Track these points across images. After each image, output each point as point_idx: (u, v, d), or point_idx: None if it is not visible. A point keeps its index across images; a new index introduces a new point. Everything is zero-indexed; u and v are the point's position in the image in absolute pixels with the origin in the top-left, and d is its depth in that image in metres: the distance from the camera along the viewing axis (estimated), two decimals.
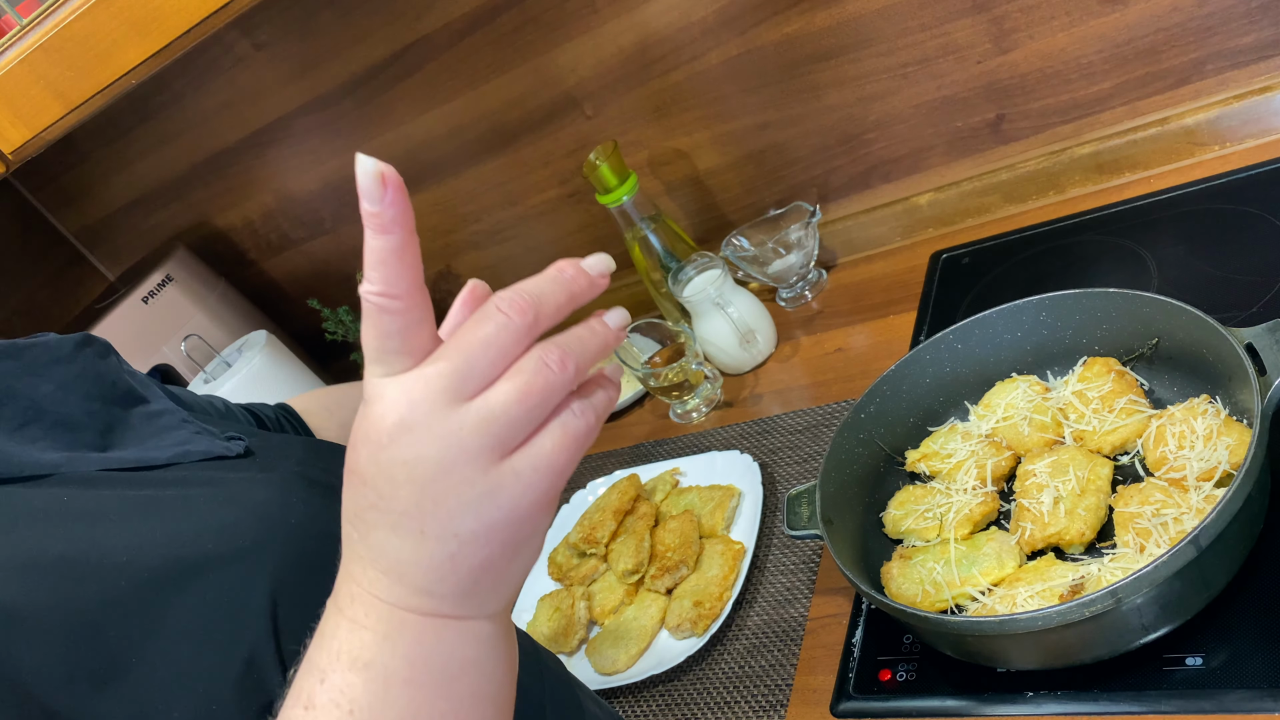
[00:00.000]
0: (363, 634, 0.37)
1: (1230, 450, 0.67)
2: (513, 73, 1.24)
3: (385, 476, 0.36)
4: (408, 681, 0.37)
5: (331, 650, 0.38)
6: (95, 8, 0.91)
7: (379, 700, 0.36)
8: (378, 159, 0.34)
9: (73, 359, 0.55)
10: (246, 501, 0.52)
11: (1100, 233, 1.02)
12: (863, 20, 1.06)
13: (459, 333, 0.37)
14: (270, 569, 0.49)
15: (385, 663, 0.37)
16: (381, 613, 0.37)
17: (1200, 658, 0.64)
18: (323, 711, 0.36)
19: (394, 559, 0.37)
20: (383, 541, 0.37)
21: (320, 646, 0.38)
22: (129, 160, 1.57)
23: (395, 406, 0.36)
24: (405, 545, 0.36)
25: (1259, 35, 0.95)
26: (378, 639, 0.37)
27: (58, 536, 0.46)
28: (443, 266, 1.52)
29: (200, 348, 1.39)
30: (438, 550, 0.36)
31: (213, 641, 0.46)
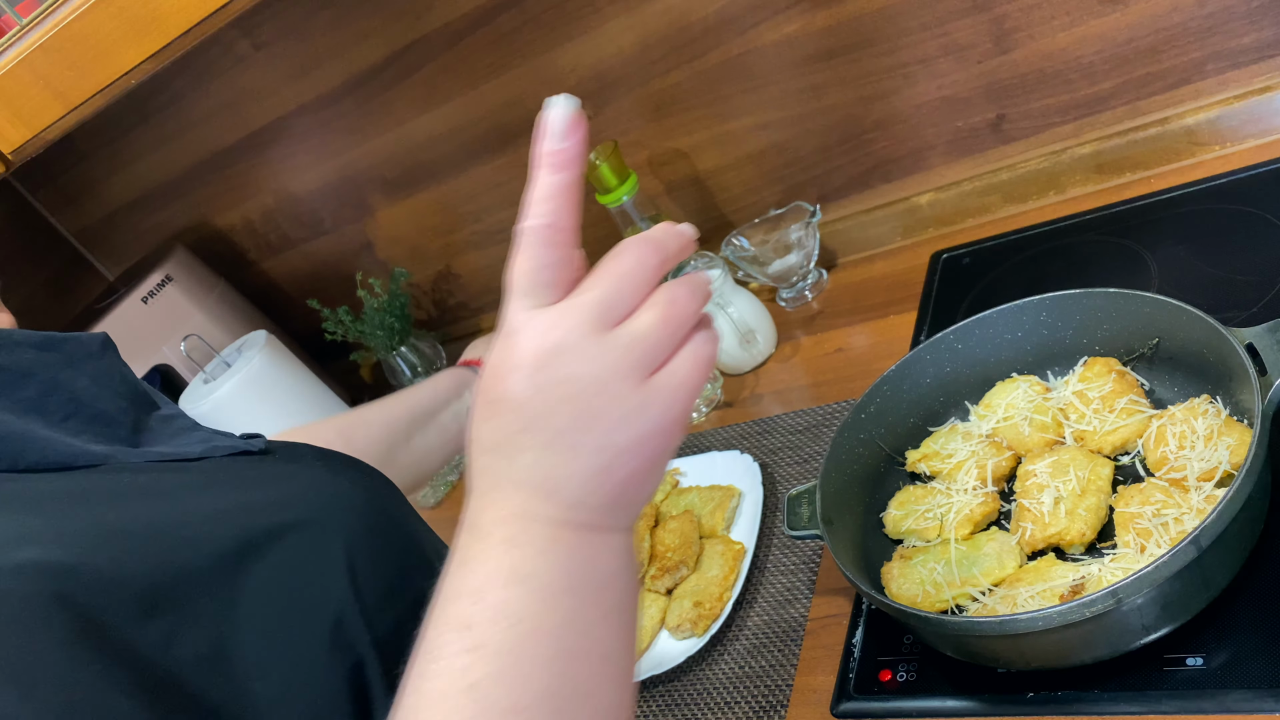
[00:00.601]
0: (517, 551, 0.38)
1: (1231, 450, 0.67)
2: (512, 73, 1.24)
3: (541, 397, 0.38)
4: (566, 591, 0.38)
5: (484, 572, 0.39)
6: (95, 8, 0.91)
7: (542, 610, 0.38)
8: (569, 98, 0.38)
9: (101, 356, 0.55)
10: (299, 479, 0.53)
11: (1101, 233, 1.02)
12: (863, 20, 1.06)
13: (600, 270, 0.40)
14: (342, 532, 0.49)
15: (543, 575, 0.38)
16: (536, 530, 0.39)
17: (1201, 658, 0.64)
18: (485, 626, 0.37)
19: (548, 476, 0.39)
20: (535, 462, 0.39)
21: (468, 572, 0.39)
22: (129, 160, 1.57)
23: (550, 332, 0.39)
24: (560, 461, 0.39)
25: (1259, 35, 0.95)
26: (534, 554, 0.38)
27: (137, 510, 0.45)
28: (443, 266, 1.52)
29: (200, 348, 1.38)
30: (592, 463, 0.39)
31: (299, 605, 0.46)
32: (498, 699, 0.36)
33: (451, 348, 1.58)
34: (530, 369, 0.39)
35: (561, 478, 0.39)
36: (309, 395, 1.38)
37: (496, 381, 0.40)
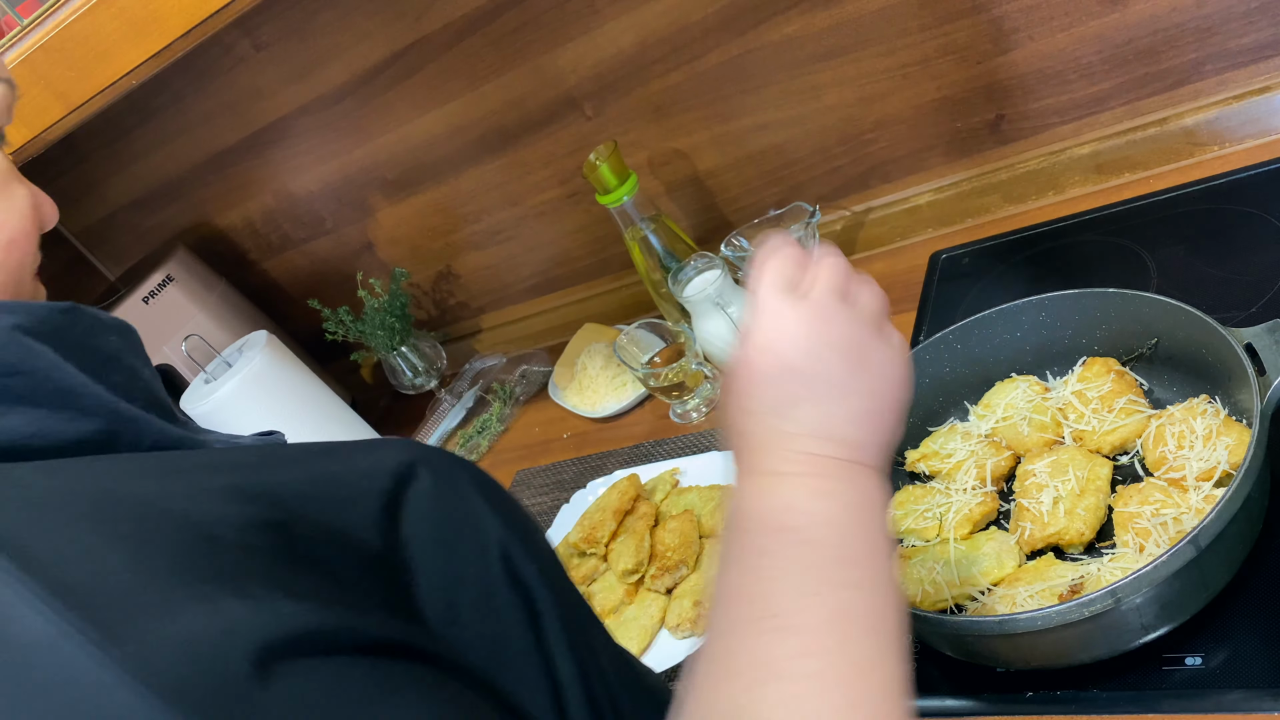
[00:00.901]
0: (814, 480, 0.45)
1: (1230, 450, 0.67)
2: (513, 73, 1.24)
3: (814, 360, 0.47)
4: (861, 506, 0.45)
5: (787, 496, 0.45)
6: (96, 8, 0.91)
7: (849, 517, 0.44)
8: None
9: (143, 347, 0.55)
10: (368, 444, 0.50)
11: (1100, 233, 1.02)
12: (863, 20, 1.06)
13: (817, 271, 0.50)
14: (458, 468, 0.48)
15: (842, 494, 0.45)
16: (826, 463, 0.45)
17: (1200, 658, 0.64)
18: (808, 528, 0.43)
19: (826, 422, 0.46)
20: (814, 413, 0.46)
21: (769, 500, 0.45)
22: (129, 161, 1.57)
23: (813, 310, 0.48)
24: (836, 409, 0.46)
25: (1258, 36, 0.95)
26: (830, 479, 0.45)
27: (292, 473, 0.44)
28: (443, 267, 1.52)
29: (201, 348, 1.39)
30: (863, 406, 0.47)
31: (466, 542, 0.45)
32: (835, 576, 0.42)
33: (452, 348, 1.58)
34: (803, 338, 0.47)
35: (839, 422, 0.46)
36: (310, 395, 1.38)
37: (767, 355, 0.48)
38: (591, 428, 1.28)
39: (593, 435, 1.27)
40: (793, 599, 0.41)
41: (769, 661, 0.40)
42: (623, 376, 1.27)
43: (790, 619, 0.41)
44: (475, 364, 1.56)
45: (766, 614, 0.41)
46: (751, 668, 0.40)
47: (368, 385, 1.74)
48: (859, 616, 0.42)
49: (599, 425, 1.27)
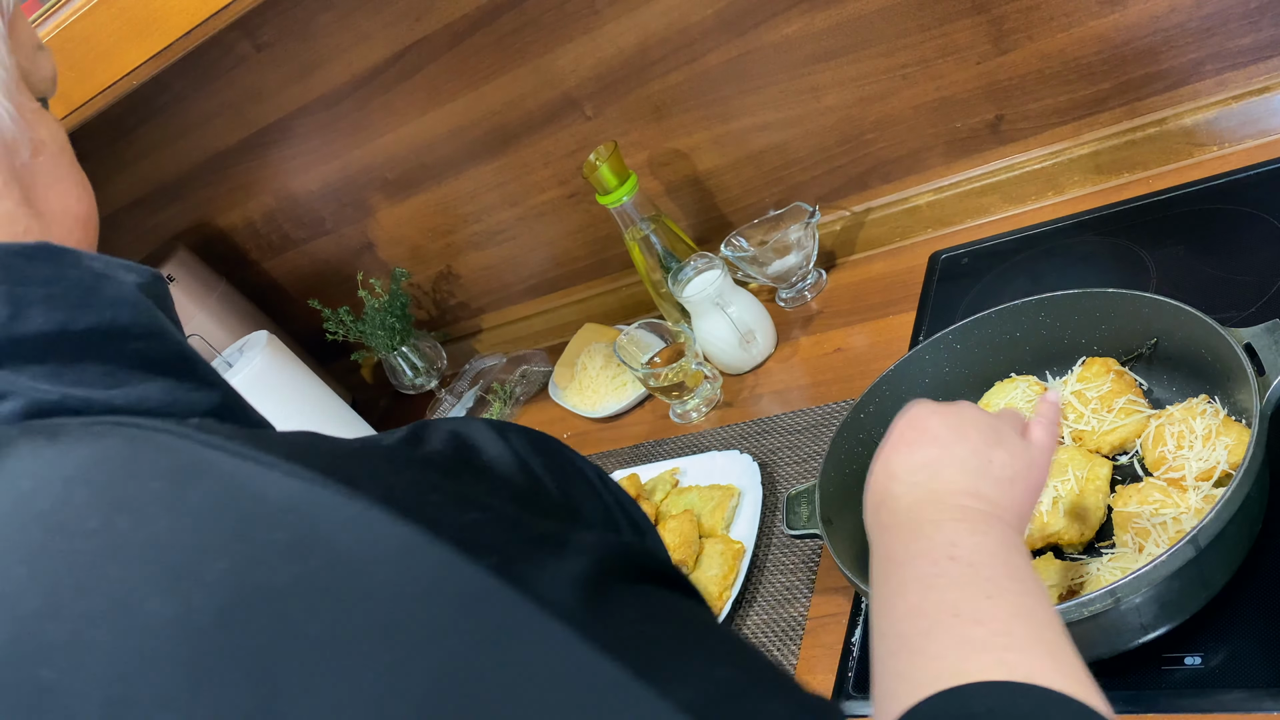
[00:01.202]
0: (967, 524, 0.49)
1: (1229, 450, 0.67)
2: (513, 74, 1.24)
3: (957, 432, 0.54)
4: (1010, 549, 0.48)
5: (948, 533, 0.48)
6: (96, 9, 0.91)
7: (1002, 552, 0.47)
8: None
9: None
10: None
11: (1099, 233, 1.02)
12: (862, 21, 1.06)
13: None
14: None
15: (992, 535, 0.48)
16: (975, 512, 0.50)
17: (1199, 657, 0.64)
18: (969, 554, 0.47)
19: (971, 482, 0.51)
20: (958, 475, 0.52)
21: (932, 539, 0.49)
22: (130, 161, 1.57)
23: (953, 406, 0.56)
24: (978, 473, 0.52)
25: (1257, 36, 0.95)
26: (981, 523, 0.49)
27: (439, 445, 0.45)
28: (443, 267, 1.52)
29: (201, 348, 1.39)
30: (1001, 474, 0.53)
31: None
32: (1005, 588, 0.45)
33: (452, 348, 1.59)
34: (942, 414, 0.55)
35: (982, 483, 0.52)
36: (310, 395, 1.39)
37: (914, 425, 0.54)
38: (591, 428, 1.28)
39: (593, 435, 1.27)
40: (974, 601, 0.44)
41: (970, 641, 0.42)
42: (623, 376, 1.27)
43: (976, 615, 0.43)
44: (475, 364, 1.56)
45: (951, 614, 0.43)
46: (955, 649, 0.42)
47: (368, 385, 1.74)
48: (1036, 612, 0.44)
49: (599, 425, 1.28)
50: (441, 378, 1.52)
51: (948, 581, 0.46)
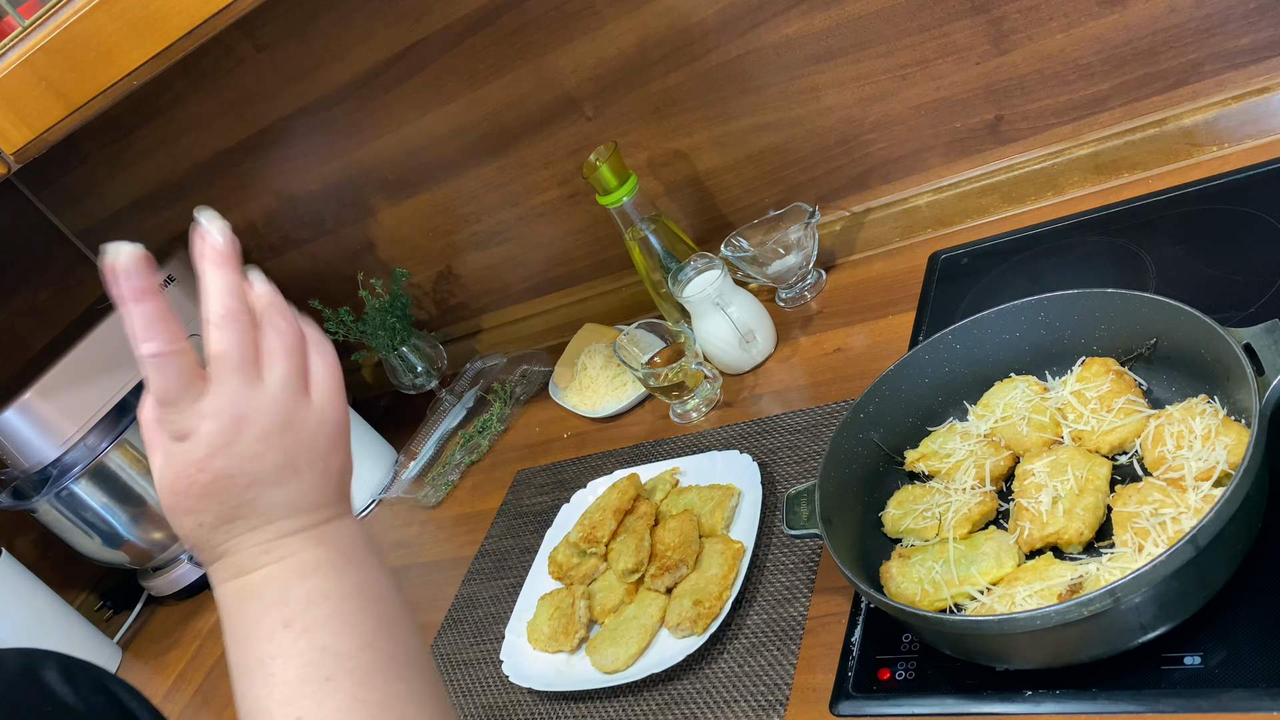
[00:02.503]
0: (294, 559, 0.46)
1: (1228, 450, 0.67)
2: (513, 74, 1.24)
3: (248, 458, 0.46)
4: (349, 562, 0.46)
5: (277, 587, 0.45)
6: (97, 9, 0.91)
7: (340, 580, 0.46)
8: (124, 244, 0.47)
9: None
10: None
11: (1099, 233, 1.02)
12: (862, 21, 1.06)
13: (216, 349, 0.48)
14: None
15: (325, 559, 0.46)
16: (297, 540, 0.46)
17: (1198, 657, 0.64)
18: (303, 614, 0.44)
19: (285, 502, 0.47)
20: (271, 503, 0.46)
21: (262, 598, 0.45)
22: (131, 161, 1.57)
23: (220, 417, 0.46)
24: (290, 488, 0.47)
25: (1256, 36, 0.95)
26: (308, 551, 0.46)
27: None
28: (443, 267, 1.53)
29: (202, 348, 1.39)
30: (313, 472, 0.47)
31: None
32: (343, 649, 0.44)
33: (452, 348, 1.59)
34: (224, 447, 0.46)
35: (296, 496, 0.47)
36: None
37: (195, 476, 0.46)
38: (591, 428, 1.28)
39: (593, 435, 1.27)
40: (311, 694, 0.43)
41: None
42: (623, 376, 1.27)
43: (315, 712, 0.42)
44: (476, 364, 1.56)
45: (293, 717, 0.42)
46: None
47: (368, 385, 1.74)
48: (375, 675, 0.43)
49: (599, 425, 1.28)
50: (442, 378, 1.52)
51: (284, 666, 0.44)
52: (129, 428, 1.42)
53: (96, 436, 1.40)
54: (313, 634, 0.44)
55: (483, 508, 1.28)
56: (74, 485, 1.40)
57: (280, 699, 0.43)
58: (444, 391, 1.51)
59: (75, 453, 1.39)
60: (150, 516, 1.47)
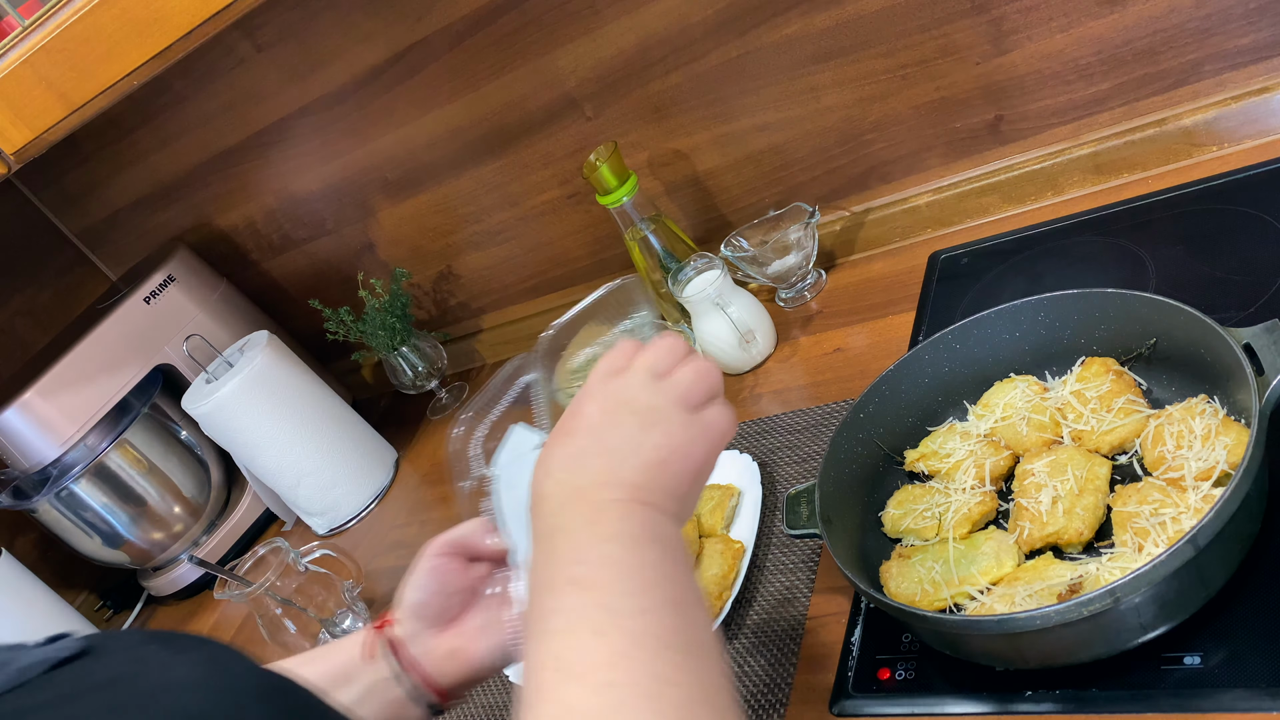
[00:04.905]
0: (600, 526, 0.47)
1: (1228, 450, 0.67)
2: (513, 74, 1.24)
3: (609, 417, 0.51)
4: (649, 541, 0.47)
5: (576, 544, 0.47)
6: (97, 9, 0.91)
7: (634, 552, 0.46)
8: None
9: None
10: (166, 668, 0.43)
11: (1099, 233, 1.02)
12: (862, 21, 1.06)
13: (649, 353, 0.55)
14: None
15: (626, 532, 0.47)
16: (610, 507, 0.48)
17: (1198, 657, 0.64)
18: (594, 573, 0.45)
19: (614, 471, 0.49)
20: (603, 465, 0.50)
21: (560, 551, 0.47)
22: (131, 161, 1.57)
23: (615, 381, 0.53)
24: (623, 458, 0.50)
25: (1256, 36, 0.95)
26: (615, 520, 0.48)
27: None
28: (443, 267, 1.53)
29: (202, 348, 1.39)
30: (650, 457, 0.50)
31: None
32: (621, 608, 0.44)
33: (452, 348, 1.59)
34: (600, 399, 0.52)
35: (626, 469, 0.49)
36: (310, 395, 1.39)
37: (571, 416, 0.52)
38: None
39: None
40: (579, 644, 0.43)
41: (564, 711, 0.41)
42: None
43: (576, 665, 0.42)
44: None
45: (553, 669, 0.43)
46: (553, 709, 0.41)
47: (368, 385, 1.74)
48: (650, 635, 0.43)
49: None
50: (442, 378, 1.52)
51: (561, 621, 0.45)
52: (129, 428, 1.42)
53: (96, 436, 1.40)
54: (598, 591, 0.45)
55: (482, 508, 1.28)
56: (74, 485, 1.40)
57: (548, 648, 0.43)
58: (444, 391, 1.51)
59: (75, 453, 1.39)
60: (150, 516, 1.47)
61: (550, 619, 0.45)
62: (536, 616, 0.46)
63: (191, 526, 1.50)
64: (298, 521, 1.49)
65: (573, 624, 0.44)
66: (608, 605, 0.44)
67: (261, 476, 1.40)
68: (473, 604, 0.68)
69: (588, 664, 0.42)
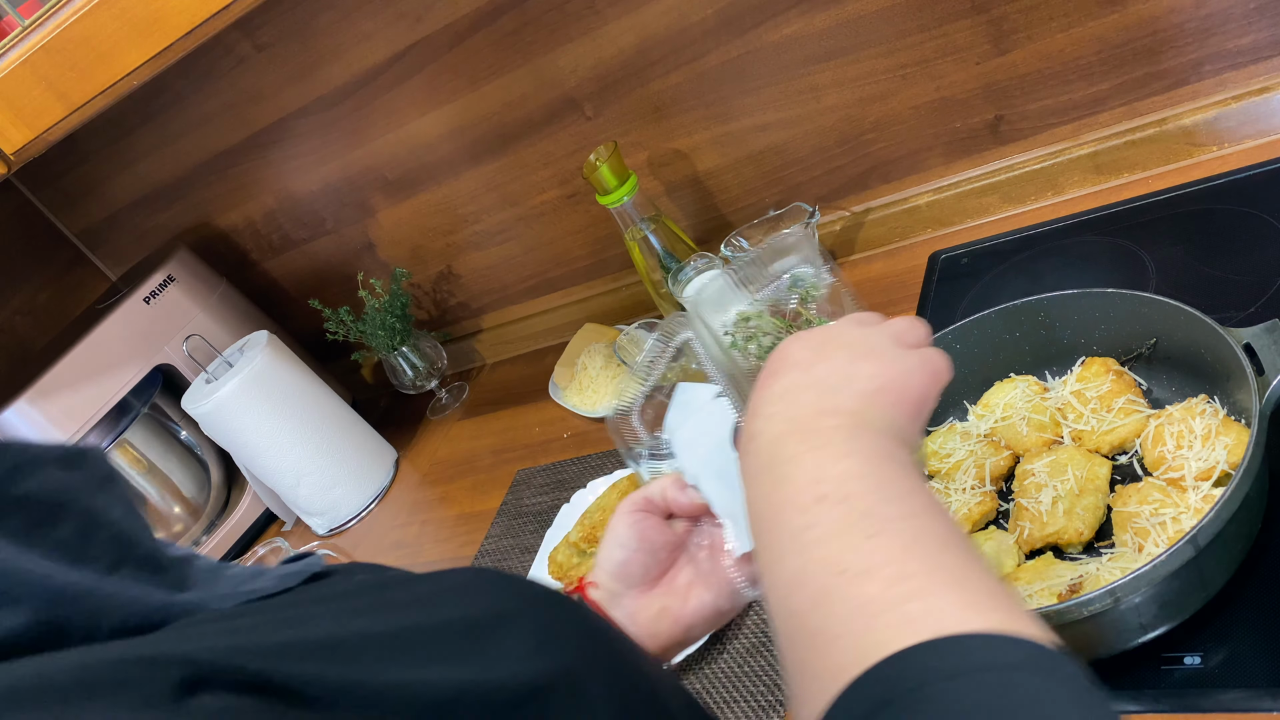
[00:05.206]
0: (829, 448, 0.44)
1: (1228, 450, 0.67)
2: (513, 74, 1.24)
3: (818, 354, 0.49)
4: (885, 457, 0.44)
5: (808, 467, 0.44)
6: (97, 9, 0.91)
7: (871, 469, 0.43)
8: None
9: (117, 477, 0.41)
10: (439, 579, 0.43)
11: (1099, 233, 1.02)
12: (862, 21, 1.06)
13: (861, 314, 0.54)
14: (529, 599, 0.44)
15: (860, 450, 0.44)
16: (836, 431, 0.45)
17: (1198, 657, 0.64)
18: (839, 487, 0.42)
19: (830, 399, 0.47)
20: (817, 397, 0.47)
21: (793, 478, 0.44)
22: (131, 161, 1.57)
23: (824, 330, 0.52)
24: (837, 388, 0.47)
25: (1257, 36, 0.95)
26: (844, 440, 0.45)
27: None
28: (443, 267, 1.53)
29: (202, 348, 1.39)
30: (866, 386, 0.48)
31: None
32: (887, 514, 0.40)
33: (452, 348, 1.59)
34: (808, 339, 0.50)
35: (841, 397, 0.47)
36: (310, 395, 1.39)
37: (780, 355, 0.50)
38: (591, 428, 1.28)
39: (593, 435, 1.27)
40: (856, 548, 0.38)
41: (863, 605, 0.36)
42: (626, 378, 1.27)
43: (863, 565, 0.37)
44: None
45: (836, 573, 0.38)
46: (849, 621, 0.36)
47: (368, 385, 1.74)
48: (927, 534, 0.39)
49: (599, 425, 1.28)
50: (441, 378, 1.52)
51: (822, 532, 0.40)
52: (129, 428, 1.42)
53: (96, 436, 1.40)
54: (852, 502, 0.41)
55: (482, 508, 1.28)
56: None
57: (814, 559, 0.39)
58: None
59: None
60: (150, 516, 1.47)
61: (805, 535, 0.40)
62: (785, 539, 0.41)
63: (191, 526, 1.50)
64: (298, 521, 1.48)
65: (837, 532, 0.40)
66: (869, 512, 0.40)
67: (261, 476, 1.40)
68: (676, 560, 0.63)
69: (871, 562, 0.37)
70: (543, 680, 0.36)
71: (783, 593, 0.40)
